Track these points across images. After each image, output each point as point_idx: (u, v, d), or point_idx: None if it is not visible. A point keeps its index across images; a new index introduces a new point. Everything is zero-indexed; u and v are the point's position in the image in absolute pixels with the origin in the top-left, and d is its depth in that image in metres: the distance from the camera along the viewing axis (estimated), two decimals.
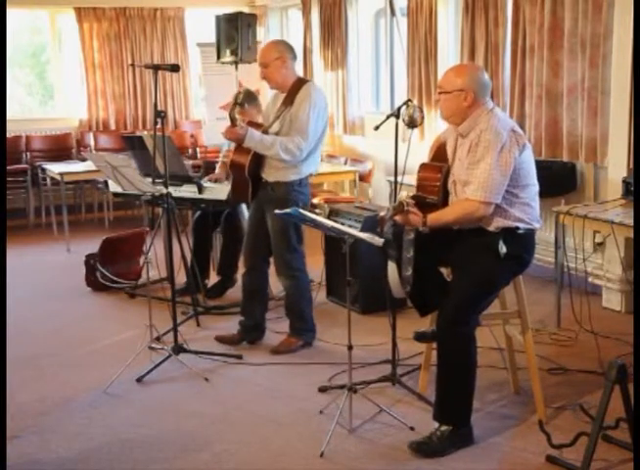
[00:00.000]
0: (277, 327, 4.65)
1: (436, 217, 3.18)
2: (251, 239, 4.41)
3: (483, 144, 3.12)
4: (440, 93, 3.26)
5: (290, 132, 4.07)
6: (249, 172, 4.16)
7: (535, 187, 3.28)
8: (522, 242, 3.24)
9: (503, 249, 3.16)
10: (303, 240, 4.36)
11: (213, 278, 5.63)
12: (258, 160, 4.16)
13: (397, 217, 3.21)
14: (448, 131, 3.43)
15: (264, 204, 4.25)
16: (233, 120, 4.00)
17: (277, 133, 4.13)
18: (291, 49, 4.18)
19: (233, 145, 4.31)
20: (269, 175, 4.19)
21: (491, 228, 3.20)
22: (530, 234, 3.28)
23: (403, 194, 3.73)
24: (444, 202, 3.30)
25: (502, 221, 3.19)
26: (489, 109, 3.22)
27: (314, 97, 4.07)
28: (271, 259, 4.42)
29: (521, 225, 3.21)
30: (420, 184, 3.36)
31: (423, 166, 3.41)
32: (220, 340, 4.51)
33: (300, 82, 4.15)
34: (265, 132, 4.13)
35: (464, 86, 3.18)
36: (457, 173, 3.25)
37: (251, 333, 4.51)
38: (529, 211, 3.23)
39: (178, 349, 4.15)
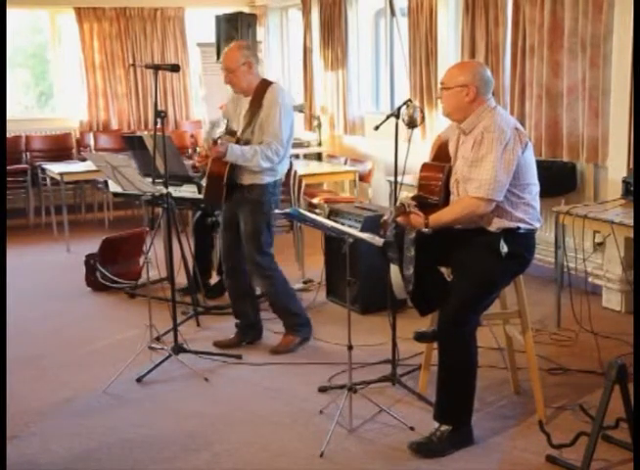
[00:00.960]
0: (276, 327, 4.63)
1: (438, 217, 3.16)
2: (226, 240, 4.40)
3: (487, 141, 3.11)
4: (442, 89, 3.25)
5: (261, 137, 4.09)
6: (227, 180, 4.17)
7: (536, 187, 3.27)
8: (522, 241, 3.23)
9: (504, 248, 3.15)
10: (273, 244, 4.35)
11: (214, 278, 5.63)
12: (235, 167, 4.15)
13: (399, 219, 3.19)
14: (450, 130, 3.42)
15: (238, 206, 4.25)
16: (215, 142, 4.05)
17: (249, 140, 4.13)
18: (254, 52, 4.23)
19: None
20: (245, 179, 4.19)
21: (492, 228, 3.20)
22: (531, 234, 3.28)
23: (404, 194, 3.72)
24: (446, 202, 3.28)
25: (504, 222, 3.18)
26: (492, 106, 3.21)
27: (281, 100, 4.09)
28: None
29: (522, 225, 3.20)
30: (421, 184, 3.35)
31: (424, 166, 3.39)
32: (219, 345, 4.48)
33: (265, 84, 4.16)
34: (238, 140, 4.14)
35: (466, 82, 3.17)
36: (459, 172, 3.24)
37: (249, 333, 4.52)
38: (531, 211, 3.23)
39: (178, 349, 4.15)
